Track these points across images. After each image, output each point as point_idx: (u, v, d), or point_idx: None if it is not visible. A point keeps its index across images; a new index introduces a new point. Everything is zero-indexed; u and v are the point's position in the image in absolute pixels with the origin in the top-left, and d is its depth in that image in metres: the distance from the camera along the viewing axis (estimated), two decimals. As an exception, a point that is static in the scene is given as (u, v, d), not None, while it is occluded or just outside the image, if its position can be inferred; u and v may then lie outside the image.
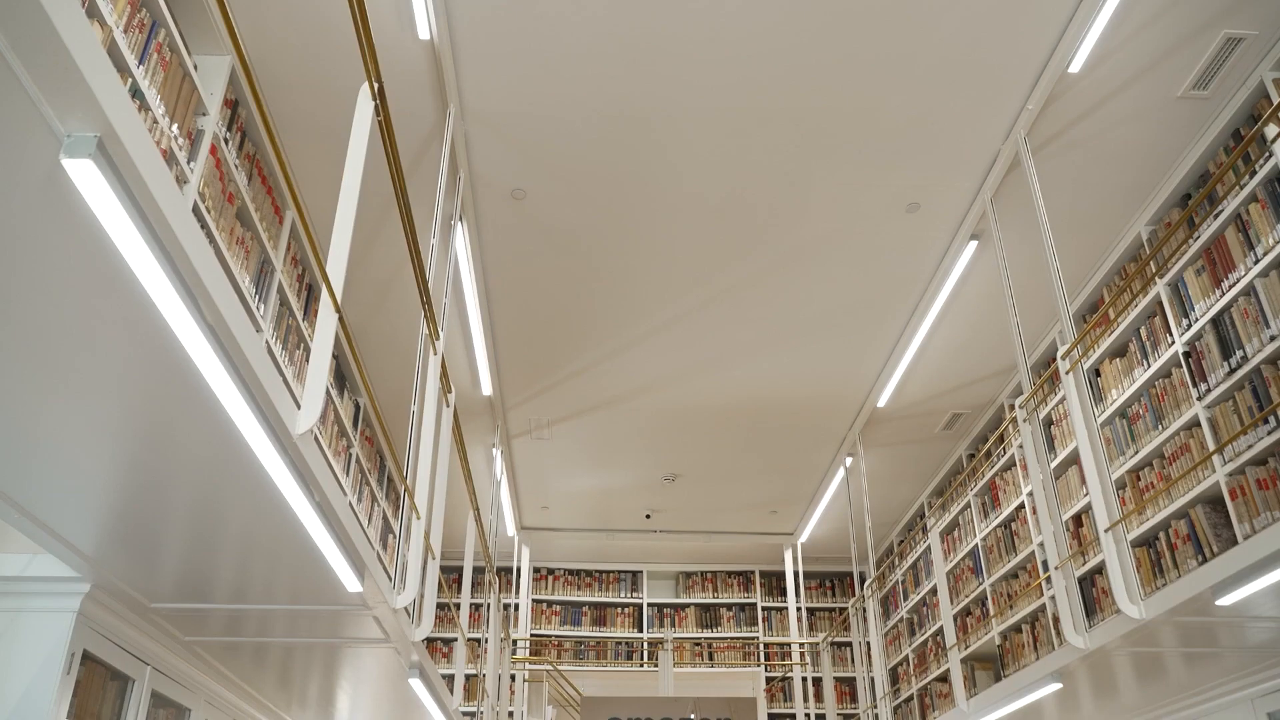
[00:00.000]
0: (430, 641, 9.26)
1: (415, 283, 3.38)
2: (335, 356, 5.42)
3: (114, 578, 2.87)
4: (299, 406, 2.27)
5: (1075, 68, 4.18)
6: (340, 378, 5.57)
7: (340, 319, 2.43)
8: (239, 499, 2.47)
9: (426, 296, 3.47)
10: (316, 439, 4.69)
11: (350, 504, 5.51)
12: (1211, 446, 4.25)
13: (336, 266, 2.43)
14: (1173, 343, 4.58)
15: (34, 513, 2.47)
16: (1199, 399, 4.36)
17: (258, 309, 3.96)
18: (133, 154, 1.46)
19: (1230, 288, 4.19)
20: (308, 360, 3.87)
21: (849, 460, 7.86)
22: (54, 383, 1.95)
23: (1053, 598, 5.61)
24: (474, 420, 7.15)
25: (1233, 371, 4.14)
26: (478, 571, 8.92)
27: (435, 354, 3.75)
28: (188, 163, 3.24)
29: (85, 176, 1.42)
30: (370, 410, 6.07)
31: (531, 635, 9.49)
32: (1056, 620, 5.53)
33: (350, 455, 5.70)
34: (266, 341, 4.03)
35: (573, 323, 6.07)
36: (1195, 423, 4.43)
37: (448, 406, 4.16)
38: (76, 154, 1.40)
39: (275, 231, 4.20)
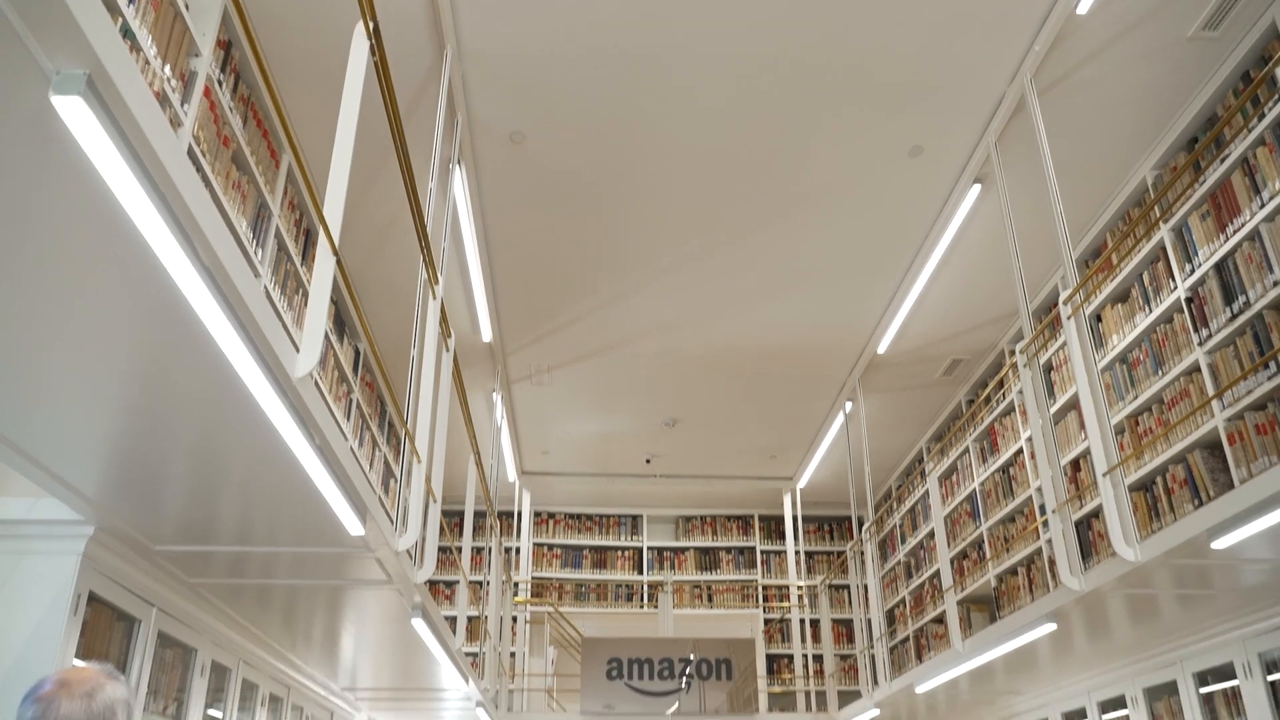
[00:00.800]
0: (433, 584, 9.38)
1: (414, 227, 3.36)
2: (334, 301, 5.40)
3: (118, 520, 2.89)
4: (298, 350, 2.27)
5: (1083, 8, 4.09)
6: (340, 323, 5.56)
7: (338, 262, 2.41)
8: (240, 442, 2.47)
9: (425, 241, 3.45)
10: (316, 383, 4.70)
11: (351, 448, 5.54)
12: (1211, 392, 4.26)
13: (334, 208, 2.41)
14: (1175, 288, 4.56)
15: (36, 456, 2.48)
16: (1200, 344, 4.35)
17: (255, 254, 3.94)
18: (124, 92, 1.43)
19: (1235, 233, 4.16)
20: (306, 305, 3.85)
21: (849, 405, 7.88)
22: (51, 326, 1.94)
23: (1049, 541, 5.67)
24: (474, 366, 7.15)
25: (1235, 317, 4.13)
26: (479, 516, 9.00)
27: (435, 298, 3.73)
28: (181, 105, 3.19)
29: (75, 114, 1.39)
30: (370, 355, 6.07)
31: (533, 578, 9.61)
32: (1052, 563, 5.59)
33: (351, 400, 5.71)
34: (265, 287, 4.01)
35: (573, 268, 6.04)
36: (1195, 368, 4.43)
37: (447, 351, 4.16)
38: (65, 90, 1.37)
39: (271, 176, 4.16)
